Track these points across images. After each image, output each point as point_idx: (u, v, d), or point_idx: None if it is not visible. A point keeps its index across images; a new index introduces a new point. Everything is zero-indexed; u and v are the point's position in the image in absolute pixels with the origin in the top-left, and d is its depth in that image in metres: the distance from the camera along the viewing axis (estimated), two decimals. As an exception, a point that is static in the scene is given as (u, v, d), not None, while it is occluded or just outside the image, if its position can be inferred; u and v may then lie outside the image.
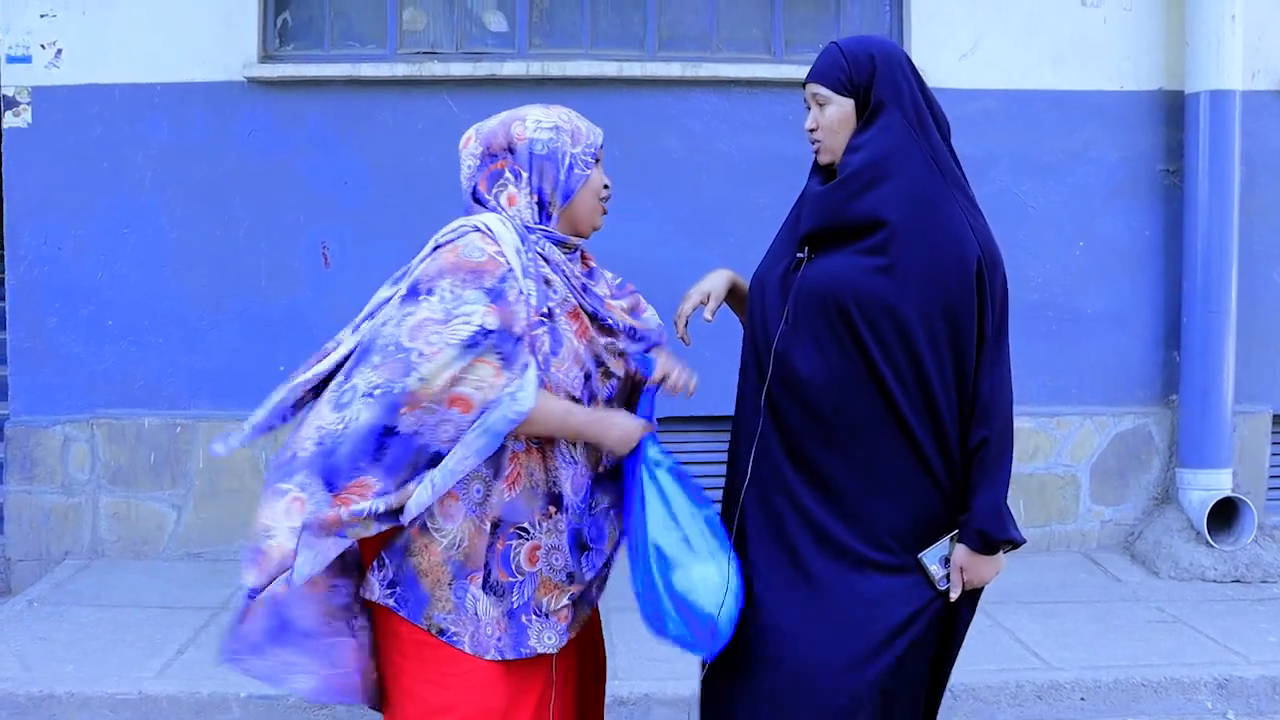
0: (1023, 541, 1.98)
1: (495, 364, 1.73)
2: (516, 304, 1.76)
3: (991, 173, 4.64)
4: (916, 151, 1.93)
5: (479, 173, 1.90)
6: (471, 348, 1.71)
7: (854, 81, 1.96)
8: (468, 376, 1.71)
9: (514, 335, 1.75)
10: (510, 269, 1.77)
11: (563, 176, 1.89)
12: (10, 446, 4.49)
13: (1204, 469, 4.55)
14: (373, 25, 4.63)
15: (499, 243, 1.79)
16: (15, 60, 4.43)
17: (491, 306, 1.73)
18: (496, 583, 1.83)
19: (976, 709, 3.31)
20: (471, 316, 1.72)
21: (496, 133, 1.90)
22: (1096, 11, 4.65)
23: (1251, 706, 3.37)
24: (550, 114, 1.92)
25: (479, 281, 1.74)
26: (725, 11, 4.69)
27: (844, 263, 1.92)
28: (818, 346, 1.92)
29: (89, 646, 3.55)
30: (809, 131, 2.02)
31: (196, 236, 4.49)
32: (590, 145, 1.93)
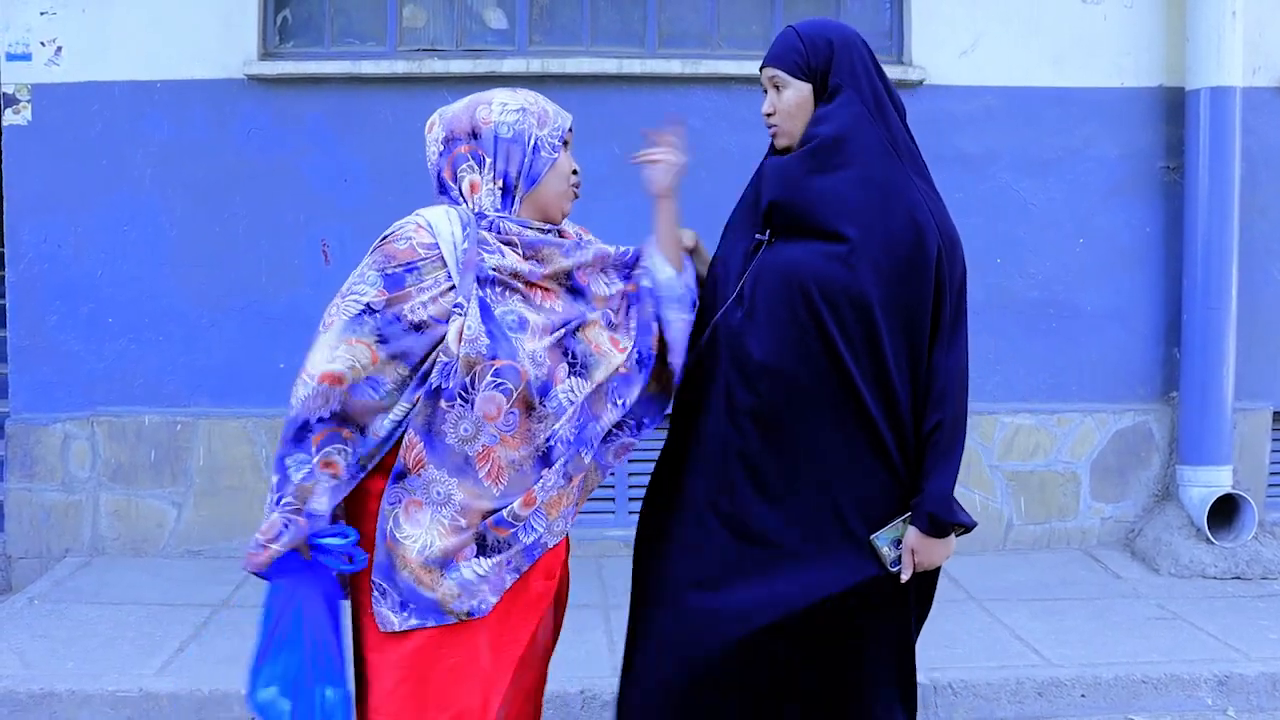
0: (973, 525, 2.01)
1: (372, 346, 1.75)
2: (419, 292, 1.77)
3: (992, 170, 4.64)
4: (874, 135, 1.95)
5: (442, 159, 1.89)
6: (355, 324, 1.75)
7: (811, 65, 1.97)
8: (343, 353, 1.74)
9: (404, 321, 1.76)
10: (427, 259, 1.78)
11: (528, 160, 1.87)
12: (10, 444, 4.49)
13: (1204, 466, 4.55)
14: (373, 22, 4.63)
15: (434, 235, 1.80)
16: (15, 58, 4.42)
17: (383, 290, 1.76)
18: (497, 540, 1.84)
19: (976, 706, 3.31)
20: (363, 294, 1.76)
21: (460, 117, 1.88)
22: (1097, 8, 4.65)
23: (1252, 703, 3.37)
24: (516, 97, 1.90)
25: (385, 265, 1.78)
26: (725, 8, 4.69)
27: (805, 247, 1.93)
28: (775, 331, 1.93)
29: (89, 644, 3.55)
30: (766, 116, 2.03)
31: (196, 234, 4.49)
32: (558, 128, 1.91)
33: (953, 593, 4.12)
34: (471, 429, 1.78)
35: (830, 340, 1.90)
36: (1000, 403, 4.68)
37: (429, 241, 1.79)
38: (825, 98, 1.96)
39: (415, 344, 1.77)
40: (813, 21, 2.04)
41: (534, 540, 1.88)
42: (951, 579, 4.27)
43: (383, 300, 1.76)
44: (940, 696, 3.29)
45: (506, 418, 1.80)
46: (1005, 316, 4.66)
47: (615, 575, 4.27)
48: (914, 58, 4.61)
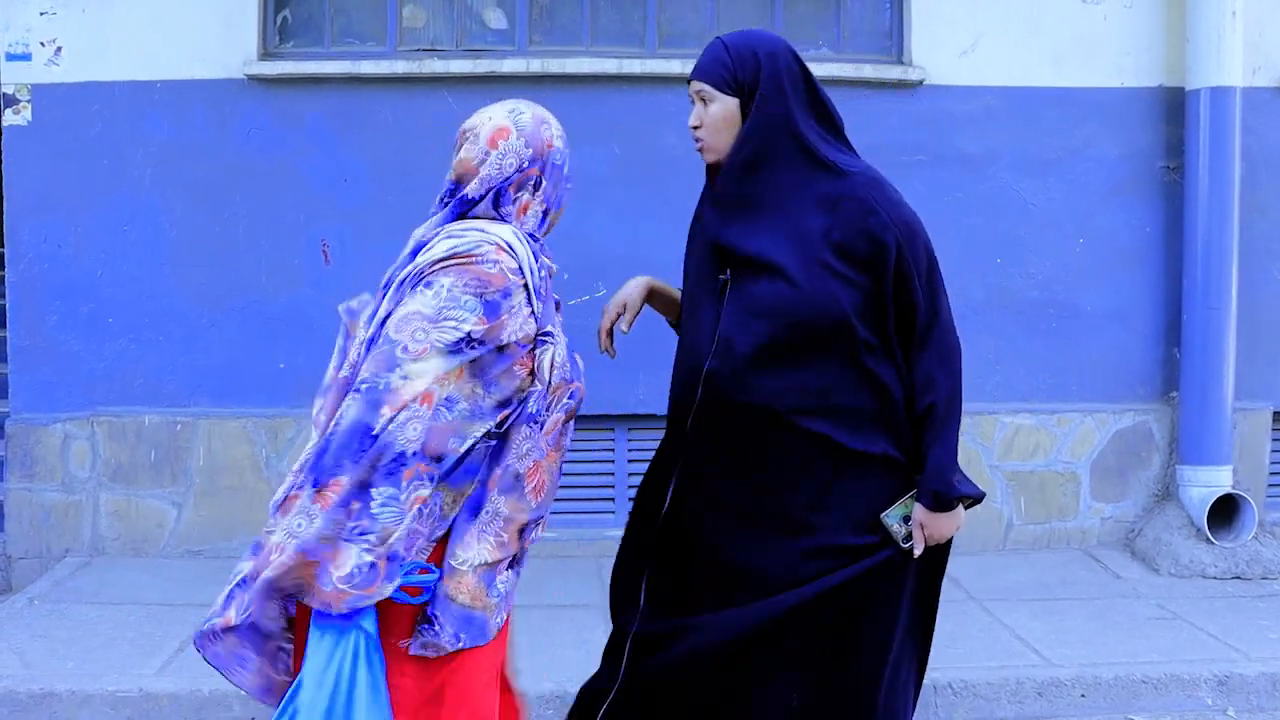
0: (981, 495, 2.04)
1: (464, 370, 1.71)
2: (512, 318, 1.74)
3: (992, 170, 4.64)
4: (798, 152, 1.95)
5: (516, 174, 1.83)
6: (455, 354, 1.69)
7: (738, 79, 1.96)
8: (439, 384, 1.69)
9: (497, 346, 1.73)
10: (515, 284, 1.75)
11: (564, 188, 1.92)
12: (10, 444, 4.49)
13: (1204, 466, 4.55)
14: (372, 22, 4.63)
15: (516, 259, 1.77)
16: (15, 58, 4.42)
17: (483, 319, 1.71)
18: (521, 553, 1.87)
19: (976, 705, 3.31)
20: (462, 323, 1.69)
21: (539, 136, 1.84)
22: (1097, 8, 4.65)
23: (1252, 703, 3.37)
24: (552, 120, 1.91)
25: (483, 290, 1.71)
26: (725, 8, 4.69)
27: (763, 287, 1.95)
28: (753, 373, 1.96)
29: (89, 644, 3.55)
30: (692, 129, 2.02)
31: (196, 234, 4.49)
32: (568, 159, 1.93)
33: (953, 593, 4.12)
34: (530, 447, 1.80)
35: (812, 365, 1.94)
36: (1000, 403, 4.68)
37: (515, 266, 1.76)
38: (750, 113, 1.96)
39: (497, 367, 1.75)
40: (741, 33, 2.04)
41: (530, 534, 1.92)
42: (951, 579, 4.25)
43: (483, 329, 1.71)
44: (940, 696, 3.29)
45: (557, 433, 1.85)
46: (1005, 316, 4.66)
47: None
48: (914, 58, 4.61)
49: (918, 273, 1.95)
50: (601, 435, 4.67)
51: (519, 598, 1.99)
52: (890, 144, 4.51)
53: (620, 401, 4.48)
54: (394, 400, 1.65)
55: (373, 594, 1.64)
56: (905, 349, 1.98)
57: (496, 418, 1.76)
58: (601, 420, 4.60)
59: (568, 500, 4.66)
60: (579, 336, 5.15)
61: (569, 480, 4.68)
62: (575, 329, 4.85)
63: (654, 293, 2.22)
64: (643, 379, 4.42)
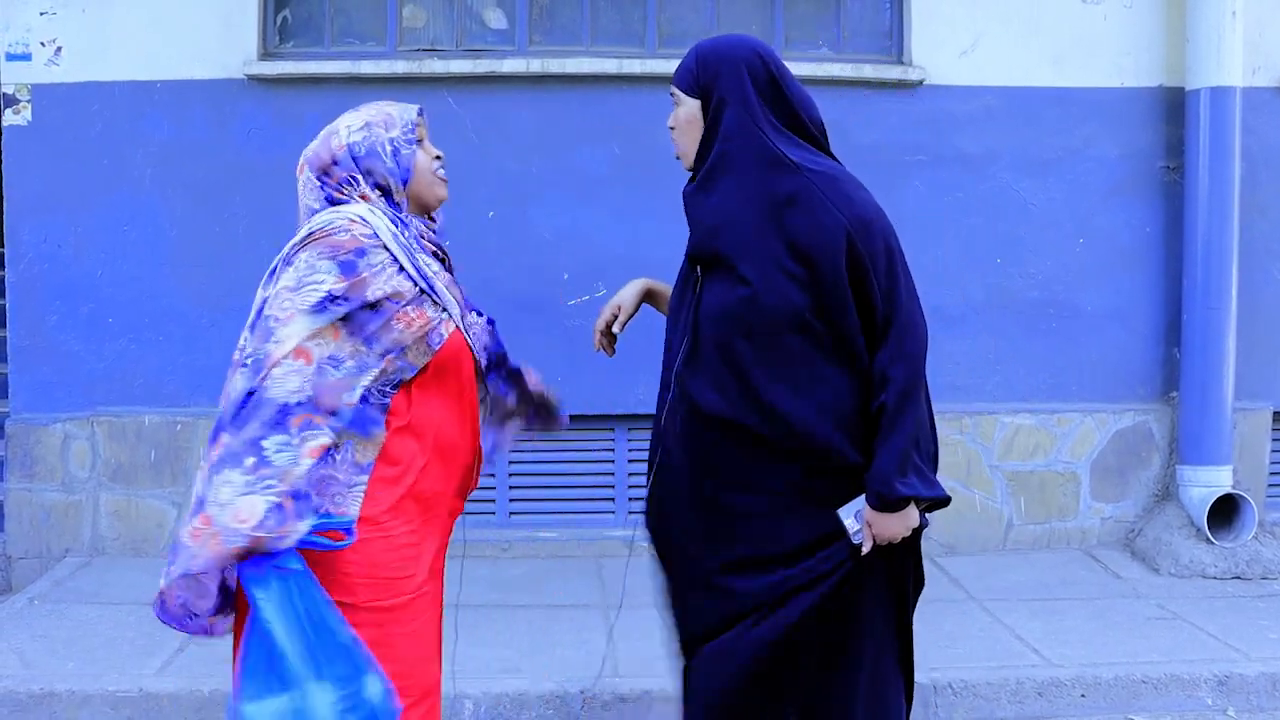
0: (941, 497, 2.02)
1: (339, 329, 1.83)
2: (373, 275, 1.84)
3: (992, 170, 4.64)
4: (753, 149, 1.97)
5: (322, 193, 1.97)
6: (320, 312, 1.81)
7: (699, 82, 2.02)
8: (314, 343, 1.80)
9: (365, 301, 1.83)
10: (371, 246, 1.86)
11: (390, 164, 1.96)
12: (10, 444, 4.49)
13: (1204, 466, 4.55)
14: (372, 22, 4.63)
15: (370, 226, 1.89)
16: (15, 58, 4.42)
17: (340, 276, 1.82)
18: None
19: (976, 706, 3.31)
20: (321, 285, 1.82)
21: (320, 153, 1.98)
22: (1097, 8, 4.65)
23: (1252, 703, 3.37)
24: (359, 115, 1.99)
25: (335, 253, 1.84)
26: (725, 8, 4.69)
27: (721, 288, 1.99)
28: (714, 379, 1.99)
29: (89, 644, 3.55)
30: (671, 129, 2.09)
31: (196, 234, 4.49)
32: (406, 125, 1.99)
33: (953, 593, 4.12)
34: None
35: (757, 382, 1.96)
36: (1000, 403, 4.68)
37: (369, 231, 1.88)
38: (711, 115, 2.01)
39: (373, 323, 1.86)
40: (716, 38, 2.09)
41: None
42: (951, 579, 4.27)
43: (343, 286, 1.83)
44: (940, 696, 3.29)
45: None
46: (1005, 316, 4.66)
47: (615, 575, 4.27)
48: (914, 58, 4.61)
49: (874, 267, 1.94)
50: (601, 435, 4.67)
51: (519, 597, 1.99)
52: (890, 144, 4.51)
53: (620, 401, 4.48)
54: (269, 362, 1.78)
55: (286, 534, 1.71)
56: (869, 345, 1.98)
57: (382, 364, 1.87)
58: (601, 420, 4.60)
59: (568, 500, 4.66)
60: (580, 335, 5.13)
61: (569, 480, 4.68)
62: (575, 329, 4.88)
63: (653, 294, 2.26)
64: (643, 379, 4.41)
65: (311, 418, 1.78)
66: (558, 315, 4.50)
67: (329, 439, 1.79)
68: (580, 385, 4.50)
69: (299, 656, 1.69)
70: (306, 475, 1.75)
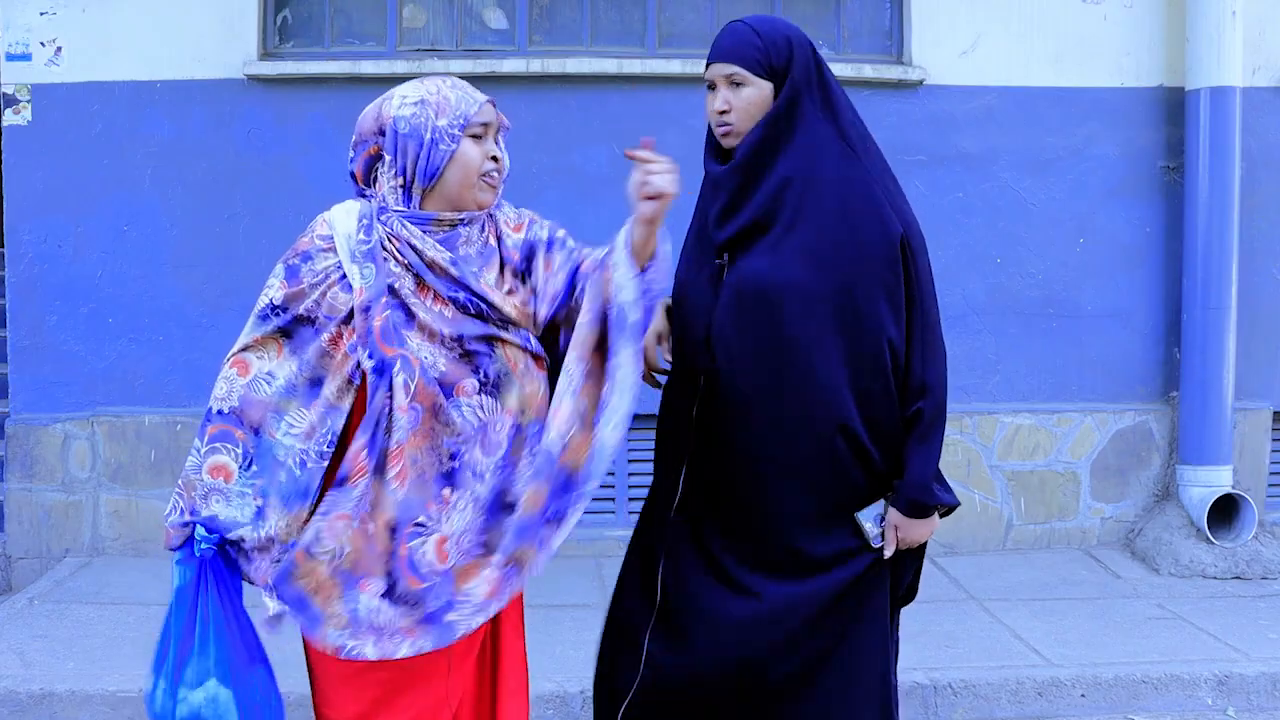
0: (956, 504, 2.03)
1: (280, 344, 1.80)
2: (311, 285, 1.79)
3: (992, 169, 4.64)
4: (830, 136, 1.96)
5: (355, 161, 1.88)
6: (263, 320, 1.80)
7: (772, 64, 1.96)
8: (255, 353, 1.80)
9: (295, 314, 1.78)
10: (320, 249, 1.80)
11: (424, 154, 1.79)
12: (10, 444, 4.49)
13: (1204, 466, 4.55)
14: (372, 22, 4.63)
15: (331, 228, 1.82)
16: (15, 58, 4.42)
17: (284, 282, 1.80)
18: (408, 592, 1.75)
19: (976, 705, 3.31)
20: (270, 289, 1.81)
21: (369, 116, 1.85)
22: (1097, 8, 4.65)
23: (1252, 703, 3.37)
24: (420, 87, 1.83)
25: (288, 257, 1.82)
26: (725, 8, 4.68)
27: (769, 262, 1.92)
28: (756, 352, 1.93)
29: (89, 644, 3.55)
30: (720, 114, 1.99)
31: (197, 234, 4.49)
32: (458, 116, 1.81)
33: (953, 593, 4.12)
34: (390, 425, 1.74)
35: (806, 351, 1.91)
36: (1000, 403, 4.68)
37: (325, 234, 1.82)
38: (782, 98, 1.95)
39: (310, 344, 1.78)
40: (764, 17, 2.03)
41: (439, 608, 1.77)
42: (951, 579, 4.27)
43: (284, 293, 1.80)
44: (940, 696, 3.29)
45: (411, 411, 1.74)
46: (1005, 316, 4.66)
47: (615, 575, 4.27)
48: (914, 58, 4.61)
49: (917, 271, 1.95)
50: (601, 435, 4.66)
51: (518, 597, 1.96)
52: (890, 144, 4.47)
53: (620, 401, 4.48)
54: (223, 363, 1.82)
55: (178, 535, 1.80)
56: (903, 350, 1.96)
57: (312, 401, 1.76)
58: (601, 420, 4.59)
59: (568, 500, 4.65)
60: (579, 336, 5.06)
61: (569, 480, 4.68)
62: (575, 329, 4.83)
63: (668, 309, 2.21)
64: (643, 379, 4.41)
65: (231, 430, 1.76)
66: (558, 315, 4.50)
67: (228, 460, 1.77)
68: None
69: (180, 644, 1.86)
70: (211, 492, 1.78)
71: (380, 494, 1.74)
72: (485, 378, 1.80)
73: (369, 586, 1.75)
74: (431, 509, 1.77)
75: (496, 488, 1.81)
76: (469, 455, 1.78)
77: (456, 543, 1.78)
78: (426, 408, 1.75)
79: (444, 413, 1.76)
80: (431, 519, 1.77)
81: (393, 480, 1.74)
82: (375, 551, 1.75)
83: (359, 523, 1.74)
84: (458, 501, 1.78)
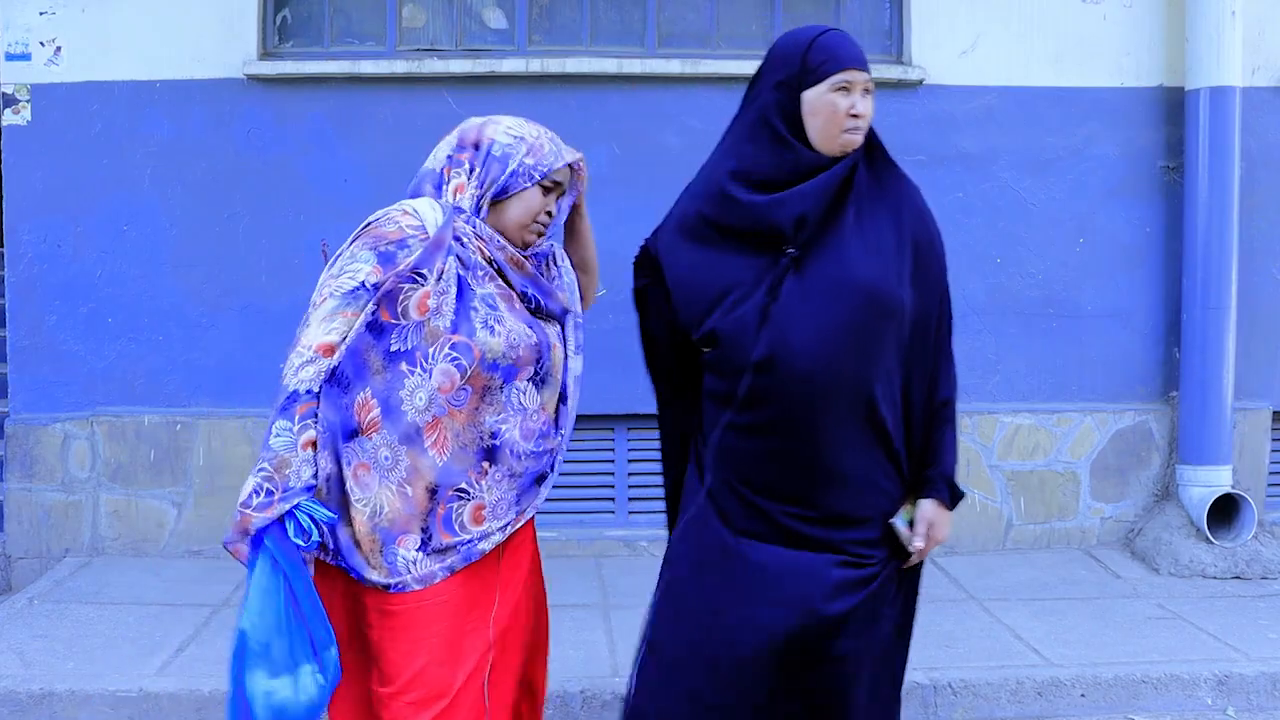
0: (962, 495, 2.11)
1: (359, 314, 1.86)
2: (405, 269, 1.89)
3: (992, 169, 4.64)
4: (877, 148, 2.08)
5: (448, 160, 2.02)
6: (351, 298, 1.85)
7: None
8: (339, 324, 1.84)
9: (383, 291, 1.85)
10: (415, 237, 1.89)
11: (503, 178, 1.99)
12: (10, 444, 4.49)
13: (1204, 465, 4.55)
14: (372, 22, 4.63)
15: (420, 219, 1.92)
16: (14, 58, 4.42)
17: (378, 267, 1.86)
18: (440, 544, 1.94)
19: (976, 705, 3.31)
20: (358, 273, 1.86)
21: (473, 129, 2.03)
22: (1097, 8, 4.65)
23: (1252, 703, 3.37)
24: (525, 127, 2.03)
25: (377, 244, 1.89)
26: (725, 8, 4.69)
27: (859, 259, 1.94)
28: (817, 344, 1.91)
29: (89, 644, 3.55)
30: (856, 117, 1.97)
31: (196, 234, 4.49)
32: (543, 164, 2.01)
33: (953, 593, 4.12)
34: (425, 399, 1.89)
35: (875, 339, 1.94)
36: (1000, 402, 4.68)
37: (416, 224, 1.91)
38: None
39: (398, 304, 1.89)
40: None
41: (472, 552, 1.98)
42: (951, 579, 4.27)
43: (379, 276, 1.85)
44: (940, 696, 3.29)
45: (458, 393, 1.91)
46: (1005, 316, 4.66)
47: (615, 575, 4.27)
48: (914, 58, 4.61)
49: (943, 272, 2.05)
50: (601, 435, 4.66)
51: (520, 597, 1.99)
52: (890, 144, 4.45)
53: (620, 401, 4.48)
54: (294, 346, 1.87)
55: (269, 515, 1.79)
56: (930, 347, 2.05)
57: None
58: (601, 420, 4.60)
59: (568, 500, 4.66)
60: (579, 336, 5.06)
61: (569, 480, 4.68)
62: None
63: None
64: (643, 379, 4.40)
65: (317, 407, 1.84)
66: (558, 315, 4.50)
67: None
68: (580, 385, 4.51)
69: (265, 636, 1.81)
70: (304, 463, 1.82)
71: (418, 461, 1.90)
72: (538, 371, 2.03)
73: (406, 542, 1.91)
74: (472, 477, 1.96)
75: (534, 471, 2.06)
76: (509, 434, 1.98)
77: (493, 510, 2.00)
78: (476, 389, 1.93)
79: (493, 395, 1.96)
80: (472, 486, 1.96)
81: (430, 448, 1.91)
82: (413, 511, 1.91)
83: (397, 485, 1.89)
84: (494, 474, 1.98)
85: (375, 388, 1.87)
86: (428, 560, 1.92)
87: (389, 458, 1.88)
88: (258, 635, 1.81)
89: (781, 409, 1.93)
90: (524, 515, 2.09)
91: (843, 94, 1.96)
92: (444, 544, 1.94)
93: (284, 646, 1.82)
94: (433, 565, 1.93)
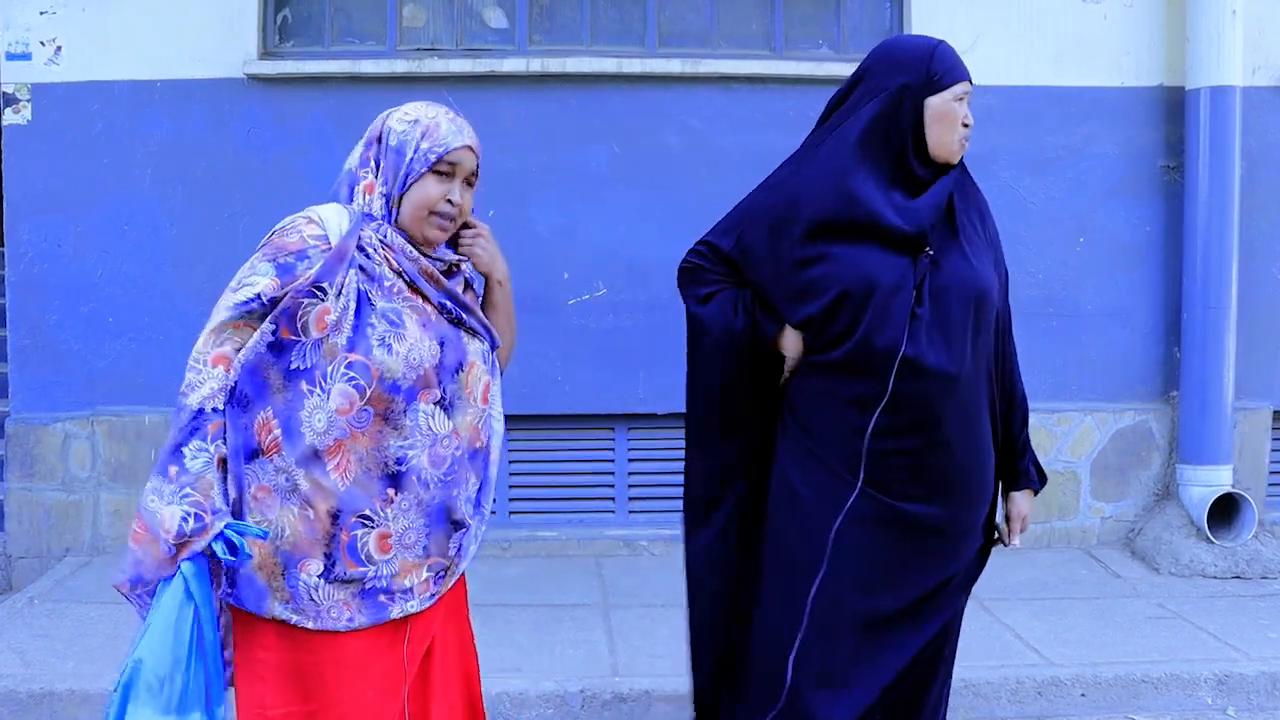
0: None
1: (254, 326, 1.77)
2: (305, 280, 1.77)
3: (992, 168, 4.63)
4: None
5: (360, 160, 1.92)
6: (244, 309, 1.76)
7: None
8: (231, 335, 1.77)
9: (278, 304, 1.77)
10: (317, 249, 1.79)
11: (403, 169, 1.86)
12: (11, 444, 4.49)
13: (1204, 465, 4.55)
14: (372, 22, 4.63)
15: (324, 228, 1.82)
16: (15, 57, 4.43)
17: (276, 279, 1.77)
18: (344, 573, 1.81)
19: (976, 705, 3.31)
20: (255, 284, 1.78)
21: (378, 121, 1.92)
22: (1097, 8, 4.65)
23: (1252, 703, 3.37)
24: (421, 108, 1.89)
25: (276, 255, 1.80)
26: (725, 7, 4.69)
27: (975, 259, 2.06)
28: (949, 343, 2.01)
29: (90, 643, 3.55)
30: (968, 127, 2.08)
31: (196, 233, 4.49)
32: (439, 145, 1.85)
33: (953, 592, 4.12)
34: (324, 422, 1.77)
35: (992, 340, 2.10)
36: (1000, 402, 4.69)
37: (319, 233, 1.82)
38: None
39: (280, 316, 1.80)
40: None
41: (378, 587, 1.84)
42: (951, 578, 4.27)
43: (275, 287, 1.77)
44: (940, 696, 3.29)
45: (359, 415, 1.79)
46: (1005, 316, 4.67)
47: (615, 575, 4.27)
48: (914, 57, 4.60)
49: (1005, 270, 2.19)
50: (601, 435, 4.66)
51: (519, 596, 1.97)
52: (890, 143, 4.51)
53: (620, 401, 4.48)
54: (194, 359, 1.77)
55: (206, 538, 1.71)
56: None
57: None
58: (601, 420, 4.60)
59: (567, 500, 4.66)
60: (580, 335, 5.14)
61: (569, 480, 4.69)
62: (576, 328, 4.87)
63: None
64: (643, 378, 4.42)
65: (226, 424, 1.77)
66: (558, 315, 4.50)
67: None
68: (580, 385, 4.51)
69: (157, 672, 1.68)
70: (220, 481, 1.75)
71: (319, 484, 1.78)
72: (444, 394, 1.87)
73: (308, 567, 1.80)
74: (377, 504, 1.82)
75: (443, 501, 1.88)
76: (415, 460, 1.84)
77: (400, 539, 1.85)
78: (379, 412, 1.80)
79: (397, 418, 1.81)
80: (377, 514, 1.82)
81: (332, 472, 1.79)
82: (315, 535, 1.80)
83: (299, 508, 1.78)
84: (401, 501, 1.84)
85: (276, 407, 1.77)
86: (330, 588, 1.80)
87: (289, 480, 1.78)
88: (154, 668, 1.66)
89: (924, 410, 2.00)
90: (444, 579, 1.93)
91: (961, 104, 2.04)
92: (348, 574, 1.81)
93: (179, 687, 1.67)
94: (336, 595, 1.81)
